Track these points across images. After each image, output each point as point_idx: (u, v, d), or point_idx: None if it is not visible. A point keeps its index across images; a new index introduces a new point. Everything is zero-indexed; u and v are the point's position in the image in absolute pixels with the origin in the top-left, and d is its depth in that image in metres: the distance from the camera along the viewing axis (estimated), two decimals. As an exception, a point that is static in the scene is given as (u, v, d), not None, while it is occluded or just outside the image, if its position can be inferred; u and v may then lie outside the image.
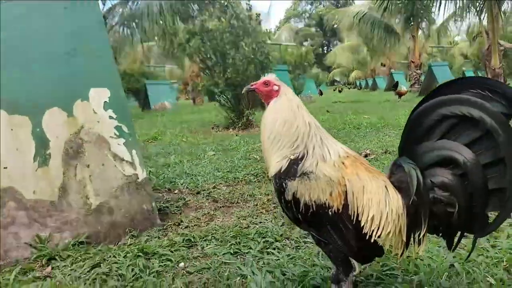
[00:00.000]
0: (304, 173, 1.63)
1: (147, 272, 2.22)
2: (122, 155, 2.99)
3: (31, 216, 2.64)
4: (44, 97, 2.79)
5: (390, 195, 1.64)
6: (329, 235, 1.65)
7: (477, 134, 1.55)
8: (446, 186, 1.60)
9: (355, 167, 1.66)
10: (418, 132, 1.65)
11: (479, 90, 1.57)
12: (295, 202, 1.63)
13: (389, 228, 1.61)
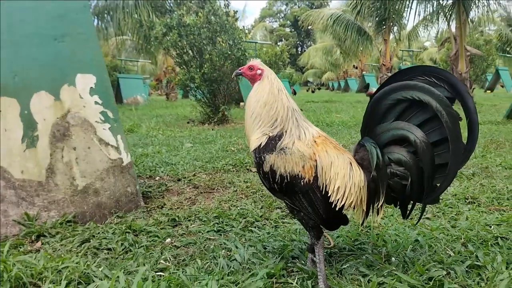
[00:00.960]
0: (281, 149, 1.82)
1: (136, 246, 2.35)
2: (107, 139, 3.09)
3: (20, 194, 2.71)
4: (31, 80, 2.86)
5: (353, 170, 1.85)
6: (300, 203, 1.85)
7: (427, 116, 1.78)
8: (401, 161, 1.83)
9: (325, 145, 1.88)
10: (377, 115, 1.89)
11: (426, 77, 1.80)
12: (272, 173, 1.82)
13: (352, 198, 1.83)
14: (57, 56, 2.99)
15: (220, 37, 9.57)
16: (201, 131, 8.14)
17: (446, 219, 2.67)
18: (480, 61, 24.93)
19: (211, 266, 2.08)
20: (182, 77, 9.80)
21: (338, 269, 2.01)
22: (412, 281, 1.80)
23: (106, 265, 2.09)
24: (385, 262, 2.04)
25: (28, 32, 2.90)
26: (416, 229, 2.41)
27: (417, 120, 1.82)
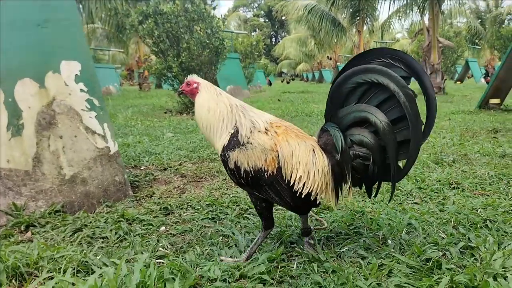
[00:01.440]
0: (243, 144, 1.88)
1: (131, 234, 2.32)
2: (94, 128, 3.03)
3: (6, 184, 2.64)
4: (15, 67, 2.77)
5: (316, 157, 1.91)
6: (267, 194, 1.92)
7: (386, 95, 1.84)
8: (363, 143, 1.89)
9: (285, 135, 1.93)
10: (339, 99, 1.93)
11: (383, 59, 1.86)
12: (237, 170, 1.89)
13: (316, 184, 1.88)
14: (41, 42, 2.91)
15: (197, 25, 9.48)
16: (180, 121, 8.06)
17: (433, 203, 2.75)
18: (450, 53, 25.58)
19: (210, 253, 2.08)
20: (159, 66, 9.67)
21: (337, 252, 2.04)
22: (410, 262, 1.86)
23: (103, 253, 2.06)
24: (382, 244, 2.09)
25: (9, 18, 2.80)
26: (408, 213, 2.47)
27: (376, 100, 1.87)
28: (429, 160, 3.90)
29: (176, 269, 1.81)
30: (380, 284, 1.74)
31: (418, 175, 3.38)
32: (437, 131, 5.84)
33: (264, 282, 1.80)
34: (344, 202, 2.61)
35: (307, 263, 1.92)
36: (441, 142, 4.93)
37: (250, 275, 1.83)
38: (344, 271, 1.80)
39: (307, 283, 1.76)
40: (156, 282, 1.68)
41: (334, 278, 1.78)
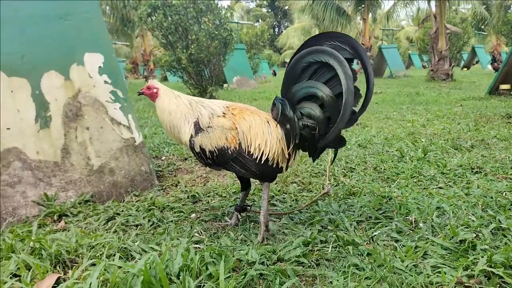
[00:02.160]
0: (204, 129, 2.09)
1: (165, 222, 2.37)
2: (119, 119, 3.07)
3: (37, 175, 2.68)
4: (40, 60, 2.80)
5: (271, 127, 2.13)
6: (233, 168, 2.14)
7: (331, 74, 2.03)
8: (311, 115, 2.11)
9: (241, 113, 2.16)
10: (293, 76, 2.14)
11: (332, 42, 2.07)
12: (202, 152, 2.10)
13: (274, 149, 2.10)
14: (64, 35, 2.94)
15: (206, 16, 9.47)
16: (191, 112, 8.08)
17: (458, 187, 2.77)
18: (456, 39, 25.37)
19: (245, 238, 2.12)
20: (168, 58, 9.68)
21: (369, 236, 2.08)
22: (445, 244, 1.89)
23: (140, 240, 2.10)
24: (415, 228, 2.12)
25: (32, 11, 2.83)
26: (435, 197, 2.50)
27: (324, 78, 2.08)
28: (448, 146, 3.92)
29: (216, 253, 1.85)
30: (417, 265, 1.78)
31: (438, 161, 3.40)
32: (451, 117, 5.85)
33: (301, 264, 1.84)
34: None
35: (342, 246, 1.96)
36: (456, 128, 4.94)
37: (287, 258, 1.87)
38: (380, 254, 1.84)
39: (344, 265, 1.80)
40: (199, 265, 1.73)
41: (371, 260, 1.82)
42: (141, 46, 27.99)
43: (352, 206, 2.50)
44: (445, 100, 8.41)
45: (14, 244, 2.01)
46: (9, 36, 2.70)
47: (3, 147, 2.58)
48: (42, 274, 1.77)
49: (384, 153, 3.77)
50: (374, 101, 8.75)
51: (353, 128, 5.21)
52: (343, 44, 2.04)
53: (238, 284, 1.66)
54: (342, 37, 2.06)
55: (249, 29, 21.85)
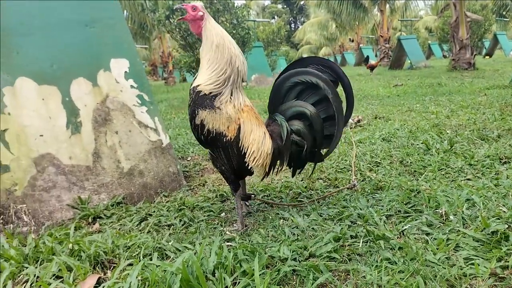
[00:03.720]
0: (214, 107, 2.12)
1: (196, 221, 2.42)
2: (146, 122, 3.14)
3: (70, 180, 2.77)
4: (69, 68, 2.88)
5: (266, 139, 2.25)
6: (219, 154, 2.22)
7: (318, 97, 2.29)
8: (300, 132, 2.31)
9: (249, 114, 2.23)
10: (280, 95, 2.34)
11: (315, 65, 2.32)
12: (201, 127, 2.14)
13: (261, 161, 2.24)
14: (90, 42, 3.02)
15: (223, 16, 9.53)
16: (213, 112, 8.16)
17: (487, 178, 2.75)
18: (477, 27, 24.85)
19: (275, 235, 2.16)
20: (188, 59, 9.78)
21: (399, 229, 2.09)
22: (476, 236, 1.89)
23: (174, 239, 2.16)
24: (445, 220, 2.12)
25: (59, 19, 2.91)
26: (464, 189, 2.49)
27: (311, 100, 2.31)
28: (474, 136, 3.87)
29: (248, 250, 1.89)
30: (449, 258, 1.78)
31: (465, 152, 3.37)
32: (475, 107, 5.76)
33: (333, 259, 1.86)
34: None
35: (373, 241, 1.98)
36: (482, 118, 4.86)
37: (318, 253, 1.90)
38: (412, 247, 1.85)
39: (376, 259, 1.82)
40: (233, 262, 1.77)
41: (403, 254, 1.83)
42: (159, 48, 28.29)
43: (380, 201, 2.50)
44: (468, 89, 8.27)
45: (54, 246, 2.09)
46: (38, 45, 2.79)
47: (37, 154, 2.68)
48: (83, 275, 1.84)
49: (410, 146, 3.75)
50: (395, 94, 8.68)
51: (377, 122, 5.19)
52: (325, 67, 2.31)
53: (273, 280, 1.69)
54: (324, 61, 2.34)
55: (266, 26, 21.85)
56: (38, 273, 1.86)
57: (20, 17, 2.72)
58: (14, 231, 2.46)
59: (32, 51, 2.74)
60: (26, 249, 2.09)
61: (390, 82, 12.01)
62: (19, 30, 2.72)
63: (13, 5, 2.70)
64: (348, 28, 32.12)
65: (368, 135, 4.37)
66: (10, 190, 2.56)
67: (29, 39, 2.74)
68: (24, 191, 2.60)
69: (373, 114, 5.84)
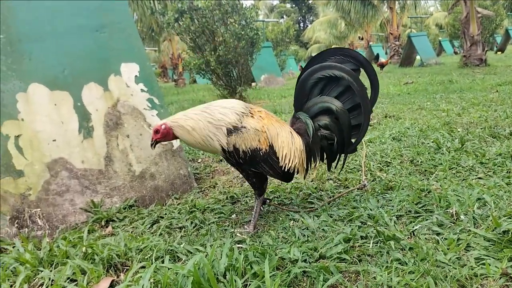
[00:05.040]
0: (238, 129, 2.12)
1: (207, 223, 2.45)
2: (156, 125, 3.17)
3: (83, 183, 2.82)
4: (80, 73, 2.92)
5: (294, 138, 2.29)
6: (262, 168, 2.24)
7: (341, 88, 2.30)
8: (327, 126, 2.34)
9: (269, 119, 2.26)
10: (304, 92, 2.36)
11: (336, 56, 2.32)
12: (235, 151, 2.15)
13: (296, 160, 2.28)
14: (100, 47, 3.05)
15: (232, 18, 9.55)
16: (223, 113, 8.18)
17: (498, 177, 2.73)
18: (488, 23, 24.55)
19: (285, 236, 2.17)
20: (197, 61, 9.82)
21: (410, 230, 2.09)
22: (488, 235, 1.88)
23: (185, 241, 2.18)
24: (456, 220, 2.12)
25: (69, 25, 2.95)
26: (475, 188, 2.48)
27: (335, 93, 2.32)
28: (485, 134, 3.84)
29: (259, 252, 1.91)
30: (460, 258, 1.78)
31: (477, 150, 3.34)
32: (487, 104, 5.70)
33: (343, 260, 1.87)
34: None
35: (383, 241, 1.98)
36: (493, 115, 4.82)
37: (329, 255, 1.91)
38: (422, 248, 1.85)
39: (387, 260, 1.82)
40: (244, 264, 1.79)
41: (413, 254, 1.83)
42: (169, 50, 28.45)
43: (390, 201, 2.50)
44: (480, 86, 8.19)
45: (68, 250, 2.13)
46: (50, 51, 2.83)
47: (50, 158, 2.72)
48: (97, 278, 1.87)
49: (420, 145, 3.73)
50: (406, 92, 8.63)
51: (387, 121, 5.17)
52: (346, 56, 2.31)
53: (283, 282, 1.71)
54: (344, 50, 2.34)
55: (275, 26, 21.85)
56: (53, 277, 1.90)
57: (32, 23, 2.77)
58: (29, 235, 2.51)
59: (44, 57, 2.79)
60: (41, 253, 2.13)
61: (400, 80, 11.93)
62: (30, 36, 2.76)
63: (24, 11, 2.75)
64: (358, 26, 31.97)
65: (378, 134, 4.36)
66: (24, 195, 2.61)
67: (41, 45, 2.79)
68: (38, 195, 2.64)
69: (383, 113, 5.81)
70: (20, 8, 2.74)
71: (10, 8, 2.71)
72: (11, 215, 2.55)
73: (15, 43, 2.70)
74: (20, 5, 2.74)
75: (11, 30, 2.69)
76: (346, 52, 2.32)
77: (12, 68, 2.65)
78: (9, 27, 2.68)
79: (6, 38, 2.66)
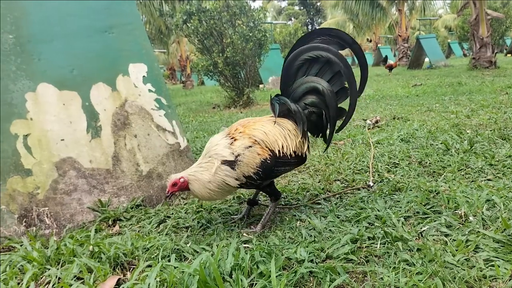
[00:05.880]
0: (235, 161, 2.14)
1: (213, 223, 2.44)
2: (164, 125, 3.18)
3: (91, 183, 2.83)
4: (88, 73, 2.94)
5: (281, 124, 2.31)
6: (280, 172, 2.32)
7: (328, 69, 2.31)
8: (315, 103, 2.33)
9: (247, 128, 2.26)
10: (291, 74, 2.34)
11: (322, 37, 2.31)
12: (249, 178, 2.18)
13: (295, 141, 2.30)
14: (109, 47, 3.07)
15: (240, 19, 9.56)
16: (230, 114, 8.21)
17: (508, 179, 2.70)
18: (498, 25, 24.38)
19: (292, 236, 2.16)
20: (205, 63, 9.84)
21: (418, 231, 2.07)
22: (497, 237, 1.86)
23: (192, 241, 2.18)
24: (464, 221, 2.09)
25: (78, 26, 2.97)
26: (484, 190, 2.45)
27: (326, 74, 2.33)
28: (495, 136, 3.80)
29: (265, 252, 1.90)
30: (469, 259, 1.76)
31: (486, 152, 3.31)
32: (497, 106, 5.65)
33: (350, 261, 1.86)
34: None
35: (391, 242, 1.96)
36: (503, 117, 4.77)
37: (336, 255, 1.90)
38: (430, 249, 1.83)
39: (394, 261, 1.81)
40: (250, 264, 1.78)
41: (421, 255, 1.81)
42: (177, 52, 28.57)
43: (398, 202, 2.48)
44: (489, 88, 8.12)
45: (75, 248, 2.14)
46: (59, 52, 2.85)
47: (58, 158, 2.74)
48: (103, 276, 1.87)
49: (429, 147, 3.71)
50: (414, 94, 8.58)
51: (395, 123, 5.14)
52: (332, 37, 2.31)
53: (289, 282, 1.70)
54: (330, 30, 2.33)
55: (283, 28, 21.87)
56: (60, 275, 1.90)
57: (41, 24, 2.79)
58: (37, 233, 2.52)
59: (53, 58, 2.81)
60: (48, 251, 2.14)
61: (409, 82, 11.87)
62: (40, 37, 2.78)
63: (34, 13, 2.77)
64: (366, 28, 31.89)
65: (386, 135, 4.34)
66: (32, 194, 2.62)
67: (50, 46, 2.81)
68: (46, 194, 2.66)
69: (392, 115, 5.79)
70: (30, 9, 2.76)
71: (20, 9, 2.73)
72: (19, 214, 2.57)
73: (25, 44, 2.72)
74: (30, 6, 2.76)
75: (21, 31, 2.71)
76: (332, 32, 2.32)
77: (21, 68, 2.68)
78: (19, 28, 2.71)
79: (16, 38, 2.69)
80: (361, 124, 5.38)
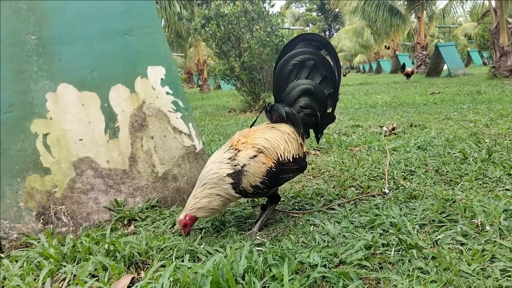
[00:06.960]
0: (242, 171, 2.20)
1: (227, 225, 2.45)
2: (181, 127, 3.21)
3: (107, 183, 2.87)
4: (108, 74, 2.99)
5: (279, 128, 2.38)
6: (285, 179, 2.39)
7: (317, 72, 2.46)
8: (308, 105, 2.43)
9: (248, 137, 2.31)
10: (282, 79, 2.43)
11: (304, 42, 2.48)
12: (257, 188, 2.23)
13: (295, 145, 2.37)
14: (128, 50, 3.11)
15: (257, 24, 9.61)
16: (246, 119, 8.24)
17: (527, 189, 2.65)
18: (519, 34, 23.96)
19: (305, 241, 2.16)
20: (222, 67, 9.91)
21: (433, 239, 2.04)
22: (514, 247, 1.83)
23: (206, 242, 2.20)
24: (481, 231, 2.07)
25: (98, 28, 3.02)
26: (502, 200, 2.41)
27: (313, 75, 2.47)
28: (514, 146, 3.74)
29: (278, 255, 1.90)
30: (484, 269, 1.74)
31: (504, 162, 3.26)
32: (517, 116, 5.56)
33: (364, 267, 1.85)
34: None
35: (405, 249, 1.95)
36: (523, 127, 4.70)
37: (349, 261, 1.89)
38: (445, 257, 1.81)
39: (408, 268, 1.79)
40: (263, 267, 1.79)
41: (436, 263, 1.80)
42: (195, 56, 28.79)
43: (414, 210, 2.46)
44: (509, 98, 7.99)
45: (90, 246, 2.17)
46: (79, 53, 2.91)
47: (77, 157, 2.78)
48: (118, 274, 1.90)
49: (446, 155, 3.66)
50: (432, 102, 8.50)
51: (412, 130, 5.10)
52: (312, 41, 2.48)
53: (302, 286, 1.69)
54: (310, 36, 2.51)
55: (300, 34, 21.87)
56: (75, 272, 1.93)
57: (62, 26, 2.85)
58: (54, 231, 2.57)
59: (73, 59, 2.86)
60: (64, 249, 2.18)
61: (427, 89, 11.76)
62: (61, 39, 2.84)
63: (56, 15, 2.83)
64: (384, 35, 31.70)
65: (402, 143, 4.30)
66: (50, 192, 2.67)
67: (71, 48, 2.86)
68: (63, 193, 2.71)
69: (409, 122, 5.74)
70: (52, 11, 2.83)
71: (43, 11, 2.80)
72: (37, 211, 2.62)
73: (47, 45, 2.78)
74: (52, 8, 2.82)
75: (43, 32, 2.77)
76: (312, 37, 2.50)
77: (43, 68, 2.73)
78: (41, 29, 2.77)
79: (38, 39, 2.75)
80: (377, 130, 5.34)
